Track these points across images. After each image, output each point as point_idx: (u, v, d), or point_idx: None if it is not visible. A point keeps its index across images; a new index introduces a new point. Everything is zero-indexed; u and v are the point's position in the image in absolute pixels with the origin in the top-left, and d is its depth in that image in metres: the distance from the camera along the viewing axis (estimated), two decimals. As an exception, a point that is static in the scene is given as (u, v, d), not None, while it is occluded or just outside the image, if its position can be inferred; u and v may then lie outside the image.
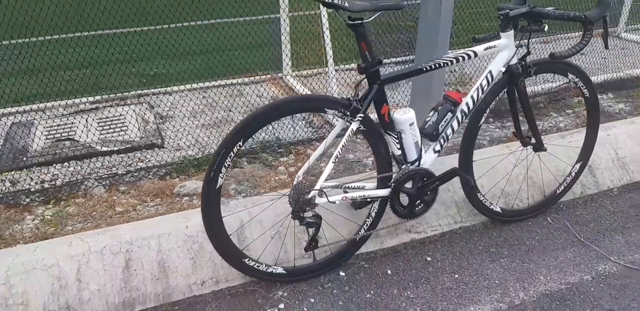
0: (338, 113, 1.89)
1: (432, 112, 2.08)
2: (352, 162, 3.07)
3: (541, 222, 2.52)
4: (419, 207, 2.18)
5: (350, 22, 1.77)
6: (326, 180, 1.93)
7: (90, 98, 3.84)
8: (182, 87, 4.01)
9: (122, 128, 3.42)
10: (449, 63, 1.99)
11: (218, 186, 1.83)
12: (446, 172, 2.12)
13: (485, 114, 2.16)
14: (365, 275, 2.19)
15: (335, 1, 1.70)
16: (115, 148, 3.16)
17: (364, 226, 2.17)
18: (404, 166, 2.08)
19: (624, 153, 2.81)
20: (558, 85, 3.61)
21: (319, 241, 2.03)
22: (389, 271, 2.21)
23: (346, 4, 1.71)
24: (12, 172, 2.95)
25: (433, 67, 1.97)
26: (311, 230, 1.99)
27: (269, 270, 2.06)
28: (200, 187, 1.86)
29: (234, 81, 4.15)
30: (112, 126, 3.47)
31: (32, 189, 2.79)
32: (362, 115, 1.90)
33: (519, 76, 2.12)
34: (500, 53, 2.08)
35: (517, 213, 2.48)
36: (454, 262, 2.26)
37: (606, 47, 2.01)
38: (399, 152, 2.06)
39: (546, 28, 2.02)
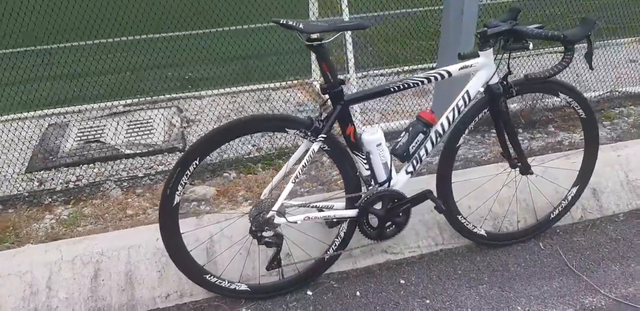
0: (300, 133, 1.86)
1: (404, 133, 2.01)
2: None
3: (531, 247, 2.39)
4: (390, 228, 2.11)
5: (307, 42, 1.73)
6: (294, 198, 1.90)
7: (124, 102, 3.97)
8: (212, 92, 4.06)
9: (149, 132, 3.51)
10: (419, 83, 1.91)
11: (175, 203, 1.85)
12: (417, 195, 2.05)
13: (463, 135, 2.07)
14: (333, 296, 2.15)
15: (290, 22, 1.67)
16: (139, 151, 3.24)
17: (333, 246, 2.13)
18: (371, 187, 2.02)
19: (636, 176, 2.61)
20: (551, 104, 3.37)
21: (282, 260, 2.01)
22: (358, 293, 2.16)
23: (301, 26, 1.67)
24: (42, 172, 3.09)
25: (401, 87, 1.90)
26: (272, 250, 1.97)
27: (232, 286, 2.06)
28: (209, 192, 1.87)
29: (264, 86, 4.17)
30: (139, 129, 3.57)
31: (57, 189, 2.91)
32: (324, 135, 1.86)
33: (499, 96, 2.01)
34: (479, 72, 1.97)
35: (506, 236, 2.36)
36: (429, 286, 2.19)
37: (590, 68, 1.87)
38: (367, 173, 2.01)
39: (531, 46, 1.90)
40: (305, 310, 2.09)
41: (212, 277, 2.02)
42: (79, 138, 3.44)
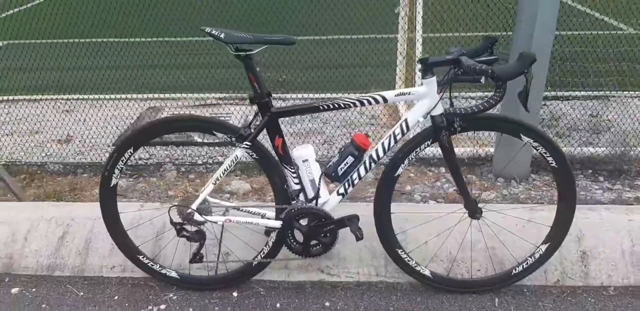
0: (227, 138, 1.96)
1: (337, 153, 1.99)
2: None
3: (484, 302, 2.16)
4: (316, 247, 2.10)
5: (234, 52, 1.83)
6: (234, 201, 2.00)
7: (218, 95, 4.38)
8: (298, 95, 4.27)
9: None
10: (350, 105, 1.88)
11: (112, 185, 2.06)
12: (341, 218, 2.01)
13: (403, 165, 1.97)
14: (256, 302, 2.19)
15: (214, 32, 1.78)
16: (207, 141, 3.54)
17: (261, 253, 2.17)
18: (294, 201, 2.03)
19: (648, 248, 2.21)
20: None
21: (204, 257, 2.12)
22: (279, 305, 2.18)
23: (222, 35, 1.77)
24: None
25: (331, 107, 1.89)
26: (195, 244, 2.09)
27: (162, 271, 2.22)
28: (243, 188, 2.06)
29: (345, 95, 4.27)
30: None
31: (130, 163, 3.22)
32: (248, 143, 1.93)
33: (440, 130, 1.88)
34: (420, 101, 1.87)
35: (455, 283, 2.18)
36: (349, 315, 2.12)
37: (526, 109, 1.66)
38: (297, 187, 2.03)
39: (483, 80, 1.76)
40: (224, 309, 2.17)
41: (145, 258, 2.21)
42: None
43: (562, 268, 2.20)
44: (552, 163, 1.94)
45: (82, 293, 2.26)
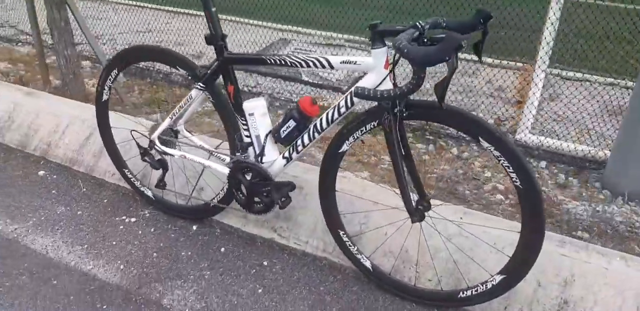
0: (186, 76, 1.92)
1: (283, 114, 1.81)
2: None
3: (420, 315, 1.89)
4: (259, 205, 2.01)
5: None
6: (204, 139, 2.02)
7: (346, 36, 4.27)
8: None
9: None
10: (296, 64, 1.65)
11: (103, 100, 2.21)
12: (279, 182, 1.88)
13: (347, 142, 1.72)
14: (207, 240, 2.23)
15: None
16: (311, 81, 3.62)
17: (217, 197, 2.17)
18: (244, 154, 1.93)
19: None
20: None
21: (166, 185, 2.20)
22: (223, 249, 2.19)
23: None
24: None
25: (277, 62, 1.69)
26: (159, 171, 2.18)
27: (142, 188, 2.37)
28: None
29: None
30: None
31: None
32: (202, 85, 1.86)
33: (382, 112, 1.56)
34: (368, 74, 1.56)
35: (390, 282, 1.92)
36: (282, 285, 2.00)
37: (439, 104, 1.26)
38: (247, 140, 1.92)
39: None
40: (180, 236, 2.25)
41: (129, 172, 2.37)
42: (281, 53, 3.90)
43: (524, 304, 1.78)
44: (514, 180, 1.50)
45: (84, 190, 2.55)
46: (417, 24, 1.39)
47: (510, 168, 1.48)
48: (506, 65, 3.76)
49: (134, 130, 2.11)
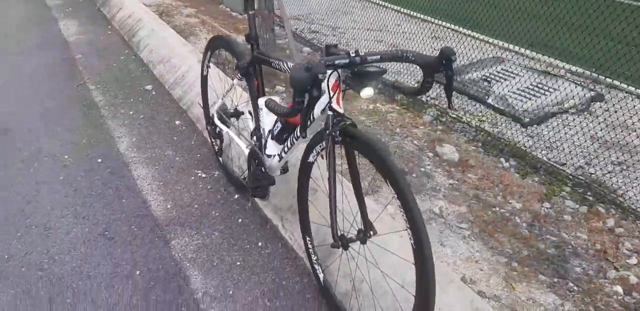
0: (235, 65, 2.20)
1: None
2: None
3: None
4: (257, 189, 2.21)
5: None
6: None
7: (569, 67, 3.84)
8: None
9: (530, 97, 3.48)
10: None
11: (205, 74, 2.65)
12: (264, 174, 2.05)
13: (312, 154, 1.77)
14: (236, 209, 2.54)
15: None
16: (491, 104, 3.43)
17: (244, 173, 2.44)
18: (257, 142, 2.14)
19: None
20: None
21: (223, 153, 2.58)
22: (240, 221, 2.47)
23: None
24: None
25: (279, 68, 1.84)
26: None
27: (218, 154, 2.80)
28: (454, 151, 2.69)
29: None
30: (529, 92, 3.58)
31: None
32: (239, 75, 2.14)
33: (325, 130, 1.59)
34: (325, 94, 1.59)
35: (330, 299, 1.94)
36: (252, 263, 2.24)
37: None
38: (260, 131, 2.12)
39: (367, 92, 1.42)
40: (222, 199, 2.62)
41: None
42: (484, 72, 3.80)
43: None
44: (408, 225, 1.40)
45: (193, 142, 3.12)
46: (350, 52, 1.40)
47: (405, 214, 1.40)
48: None
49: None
